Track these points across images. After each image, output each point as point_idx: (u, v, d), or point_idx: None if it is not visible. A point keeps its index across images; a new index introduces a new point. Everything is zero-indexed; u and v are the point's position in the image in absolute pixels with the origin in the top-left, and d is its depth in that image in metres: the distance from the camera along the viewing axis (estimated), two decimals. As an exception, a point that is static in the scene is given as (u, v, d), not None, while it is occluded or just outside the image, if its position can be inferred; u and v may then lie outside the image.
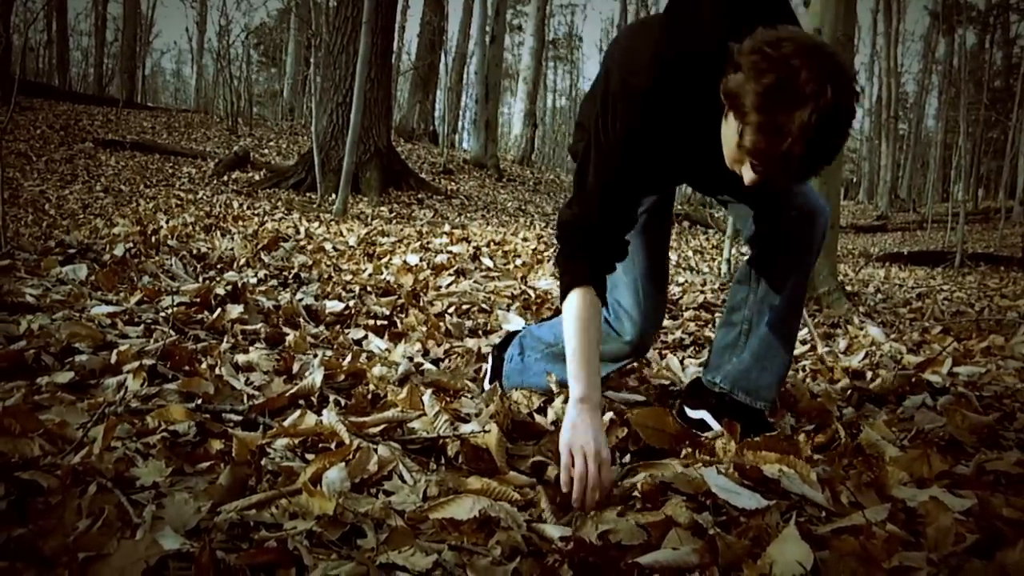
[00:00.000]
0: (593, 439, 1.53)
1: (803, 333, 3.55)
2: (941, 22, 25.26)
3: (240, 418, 1.86)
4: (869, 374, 2.64)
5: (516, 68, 27.67)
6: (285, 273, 3.85)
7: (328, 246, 5.59)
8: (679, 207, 14.21)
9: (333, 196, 9.19)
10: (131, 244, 3.90)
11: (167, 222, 6.09)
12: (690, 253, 8.69)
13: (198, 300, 2.83)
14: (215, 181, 10.80)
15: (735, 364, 1.96)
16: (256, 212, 7.80)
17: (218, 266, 3.93)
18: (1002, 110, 26.88)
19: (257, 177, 11.20)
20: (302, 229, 6.48)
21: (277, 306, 2.94)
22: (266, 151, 14.24)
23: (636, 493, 1.48)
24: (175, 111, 19.88)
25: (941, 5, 24.94)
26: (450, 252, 5.45)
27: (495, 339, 2.92)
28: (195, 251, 4.16)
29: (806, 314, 3.23)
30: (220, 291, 2.89)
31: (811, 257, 1.91)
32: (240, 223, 6.69)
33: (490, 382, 2.27)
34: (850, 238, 17.86)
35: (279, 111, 27.36)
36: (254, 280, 3.55)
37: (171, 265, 3.52)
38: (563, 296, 1.73)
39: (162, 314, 2.61)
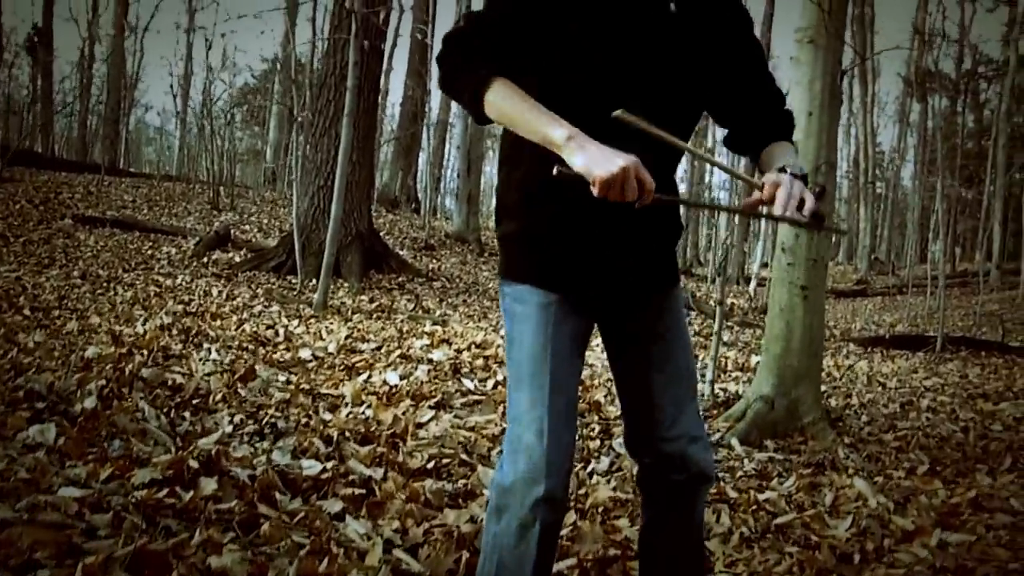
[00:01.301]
0: (603, 159, 1.44)
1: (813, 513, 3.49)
2: (915, 89, 25.82)
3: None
4: (857, 557, 2.59)
5: (497, 133, 27.94)
6: (262, 412, 3.78)
7: (306, 353, 5.53)
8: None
9: (313, 281, 9.13)
10: (104, 381, 3.83)
11: (144, 323, 6.02)
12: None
13: (171, 473, 2.76)
14: (195, 263, 10.72)
15: None
16: (235, 306, 7.73)
17: (193, 402, 3.86)
18: (975, 172, 27.37)
19: (237, 258, 11.14)
20: (280, 331, 6.41)
21: (252, 477, 2.86)
22: (247, 227, 14.20)
23: None
24: (156, 180, 19.79)
25: (914, 73, 25.50)
26: (430, 361, 5.41)
27: (476, 508, 2.86)
28: (170, 382, 4.09)
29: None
30: (193, 463, 2.81)
31: (698, 517, 1.86)
32: (219, 322, 6.63)
33: None
34: (831, 304, 17.92)
35: (261, 174, 27.40)
36: (229, 428, 3.48)
37: (144, 414, 3.44)
38: (478, 100, 1.57)
39: (132, 498, 2.53)
